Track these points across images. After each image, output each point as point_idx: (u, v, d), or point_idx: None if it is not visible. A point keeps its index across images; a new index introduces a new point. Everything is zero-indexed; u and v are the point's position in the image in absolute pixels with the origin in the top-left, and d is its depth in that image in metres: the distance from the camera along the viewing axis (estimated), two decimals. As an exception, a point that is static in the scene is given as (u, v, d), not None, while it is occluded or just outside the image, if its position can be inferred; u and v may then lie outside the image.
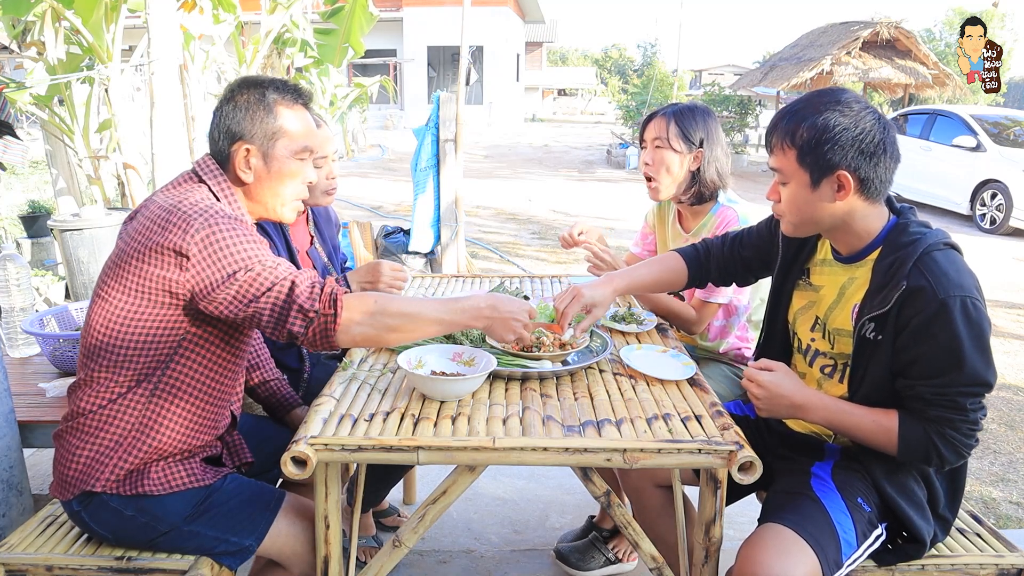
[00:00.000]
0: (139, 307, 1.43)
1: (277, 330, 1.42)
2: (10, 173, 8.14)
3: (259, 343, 1.94)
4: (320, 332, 1.42)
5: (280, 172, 1.56)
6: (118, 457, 1.47)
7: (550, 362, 1.74)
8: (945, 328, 1.35)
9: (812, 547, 1.39)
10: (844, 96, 1.48)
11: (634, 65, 54.75)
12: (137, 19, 5.12)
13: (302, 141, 1.57)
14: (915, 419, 1.43)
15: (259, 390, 1.92)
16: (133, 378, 1.46)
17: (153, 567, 1.48)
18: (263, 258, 1.42)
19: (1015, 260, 7.54)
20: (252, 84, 1.56)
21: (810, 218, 1.53)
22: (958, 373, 1.37)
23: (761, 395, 1.52)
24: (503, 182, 12.43)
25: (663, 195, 2.21)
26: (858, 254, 1.55)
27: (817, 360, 1.66)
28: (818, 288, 1.66)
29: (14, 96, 5.01)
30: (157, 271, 1.40)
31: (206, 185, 1.53)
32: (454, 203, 5.37)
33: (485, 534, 2.52)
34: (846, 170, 1.45)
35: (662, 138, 2.15)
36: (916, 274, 1.39)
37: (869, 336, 1.46)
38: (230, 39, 6.75)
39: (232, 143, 1.53)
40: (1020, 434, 3.48)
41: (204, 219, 1.40)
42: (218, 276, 1.39)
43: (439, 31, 22.93)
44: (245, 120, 1.52)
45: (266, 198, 1.58)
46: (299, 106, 1.58)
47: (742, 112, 16.38)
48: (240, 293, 1.39)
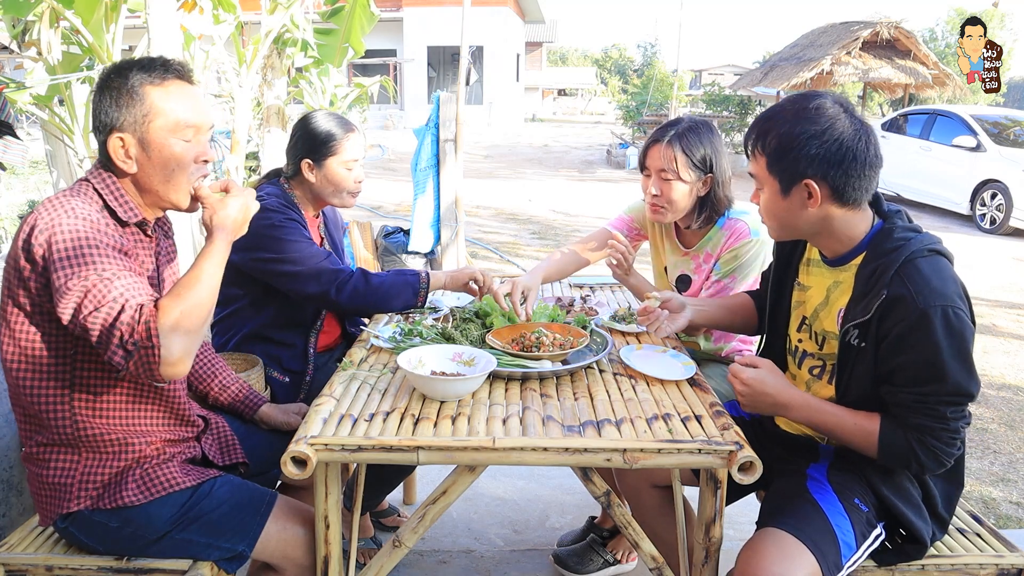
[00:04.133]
0: (22, 338, 1.40)
1: (104, 356, 1.31)
2: (10, 173, 8.14)
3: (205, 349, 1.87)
4: (143, 368, 1.28)
5: (162, 156, 1.45)
6: (81, 475, 1.46)
7: (550, 362, 1.74)
8: (925, 339, 1.34)
9: (811, 551, 1.39)
10: (817, 102, 1.45)
11: (634, 65, 54.70)
12: (137, 19, 5.11)
13: (179, 118, 1.44)
14: (896, 425, 1.42)
15: (220, 397, 1.84)
16: (51, 408, 1.44)
17: (153, 568, 1.48)
18: (104, 271, 1.31)
19: (1015, 260, 7.54)
20: (117, 70, 1.46)
21: (786, 224, 1.53)
22: (939, 383, 1.36)
23: (743, 391, 1.53)
24: (503, 182, 12.43)
25: (668, 220, 2.15)
26: (842, 258, 1.54)
27: (806, 361, 1.66)
28: (806, 288, 1.65)
29: (14, 96, 5.00)
30: (17, 288, 1.36)
31: (90, 183, 1.46)
32: (454, 203, 5.36)
33: (485, 534, 2.52)
34: (813, 179, 1.44)
35: (670, 170, 2.03)
36: (897, 283, 1.38)
37: (853, 343, 1.46)
38: (230, 39, 6.75)
39: (107, 136, 1.44)
40: (1020, 434, 3.48)
41: (48, 220, 1.33)
42: (55, 283, 1.31)
43: (439, 31, 22.91)
44: (113, 109, 1.43)
45: (156, 185, 1.47)
46: (171, 81, 1.46)
47: (742, 112, 16.38)
48: (74, 304, 1.29)
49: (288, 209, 2.10)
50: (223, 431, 1.73)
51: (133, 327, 1.26)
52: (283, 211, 2.08)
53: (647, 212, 2.17)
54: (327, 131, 2.14)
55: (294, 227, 2.05)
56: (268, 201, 2.06)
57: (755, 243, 2.09)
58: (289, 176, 2.21)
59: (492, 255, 6.99)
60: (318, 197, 2.20)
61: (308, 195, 2.21)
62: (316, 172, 2.15)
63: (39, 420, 1.46)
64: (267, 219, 2.01)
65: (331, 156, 2.13)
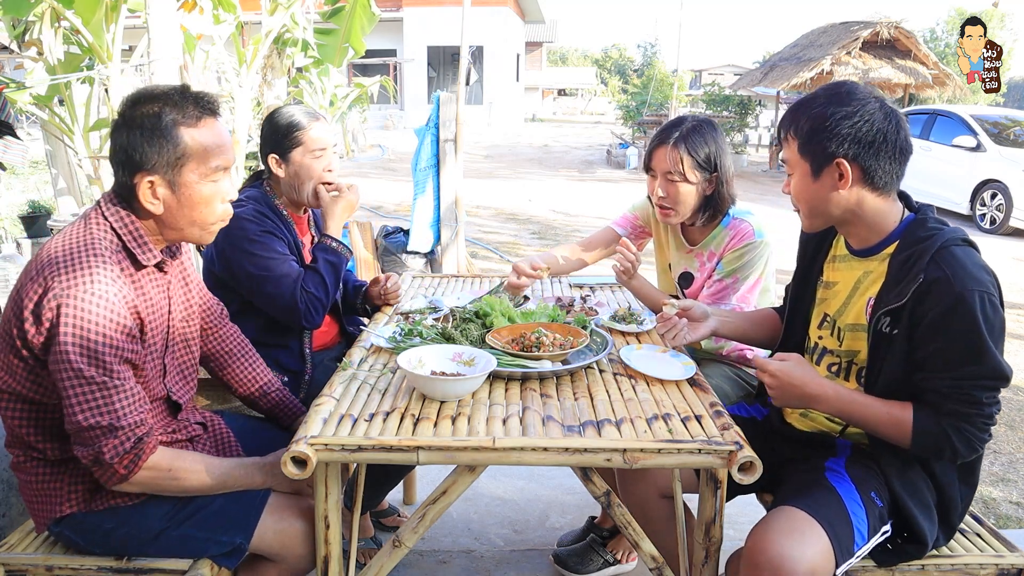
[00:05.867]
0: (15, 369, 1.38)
1: (73, 443, 1.35)
2: (10, 173, 8.14)
3: (241, 340, 1.85)
4: (100, 475, 1.36)
5: (191, 199, 1.42)
6: (71, 479, 1.46)
7: (550, 362, 1.74)
8: (963, 320, 1.35)
9: (825, 529, 1.38)
10: (850, 88, 1.49)
11: (634, 65, 54.70)
12: (137, 19, 5.11)
13: (212, 161, 1.43)
14: (930, 412, 1.42)
15: (261, 402, 1.85)
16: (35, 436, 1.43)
17: (153, 567, 1.48)
18: (109, 367, 1.31)
19: (1015, 260, 7.54)
20: (145, 101, 1.40)
21: (817, 208, 1.54)
22: (976, 366, 1.36)
23: (773, 384, 1.52)
24: (503, 182, 12.42)
25: (675, 221, 2.16)
26: (873, 248, 1.54)
27: (824, 358, 1.66)
28: (831, 285, 1.66)
29: (14, 96, 5.00)
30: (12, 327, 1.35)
31: (108, 222, 1.42)
32: (454, 203, 5.36)
33: (485, 534, 2.52)
34: (844, 159, 1.46)
35: (676, 172, 2.04)
36: (934, 267, 1.39)
37: (884, 330, 1.46)
38: (230, 39, 6.75)
39: (133, 175, 1.39)
40: (1020, 434, 3.48)
41: (63, 289, 1.30)
42: (57, 364, 1.30)
43: (439, 31, 22.92)
44: (144, 148, 1.37)
45: (182, 225, 1.45)
46: (204, 121, 1.42)
47: (742, 112, 16.40)
48: (71, 396, 1.30)
49: (264, 218, 2.05)
50: (220, 431, 1.72)
51: (120, 453, 1.32)
52: (259, 221, 2.03)
53: (656, 215, 2.18)
54: (288, 122, 2.08)
55: (267, 240, 2.01)
56: (244, 210, 2.00)
57: (759, 244, 2.09)
58: (267, 176, 2.17)
59: (492, 255, 6.99)
60: (292, 193, 2.15)
61: (288, 193, 2.16)
62: (284, 167, 2.10)
63: (24, 441, 1.45)
64: (241, 230, 1.97)
65: (296, 147, 2.08)
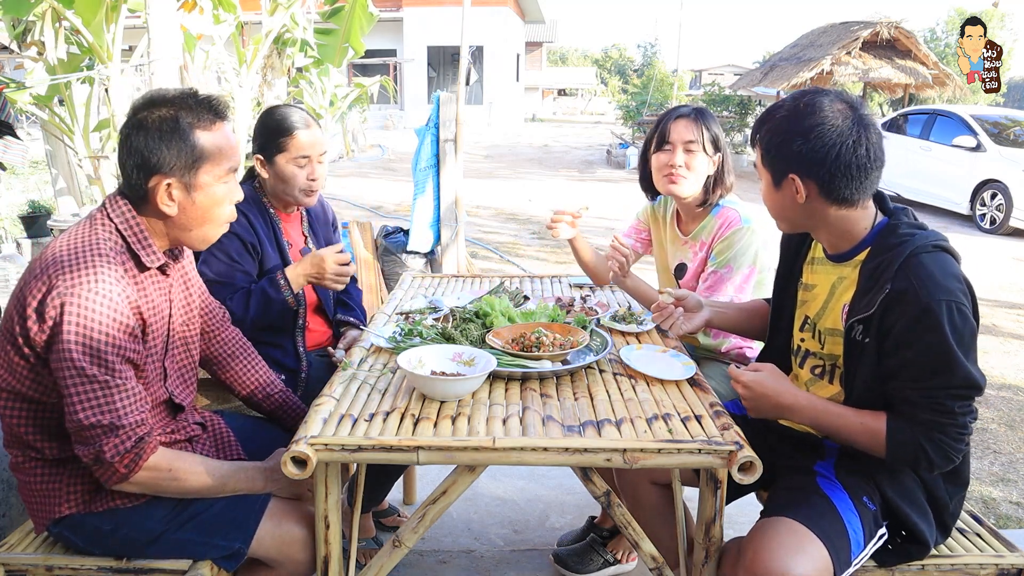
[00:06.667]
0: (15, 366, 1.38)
1: (74, 442, 1.35)
2: (10, 173, 8.14)
3: (243, 342, 1.83)
4: (100, 474, 1.37)
5: (205, 201, 1.45)
6: (69, 479, 1.46)
7: (550, 362, 1.74)
8: (931, 331, 1.33)
9: (824, 543, 1.38)
10: (812, 100, 1.45)
11: (634, 65, 54.70)
12: (137, 19, 5.11)
13: (225, 163, 1.46)
14: (904, 422, 1.41)
15: (264, 403, 1.84)
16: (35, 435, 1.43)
17: (153, 567, 1.48)
18: (112, 366, 1.32)
19: (1015, 260, 7.54)
20: (159, 105, 1.42)
21: (783, 215, 1.55)
22: (947, 376, 1.35)
23: (746, 395, 1.53)
24: (503, 182, 12.42)
25: (686, 192, 2.15)
26: (845, 254, 1.54)
27: (808, 361, 1.66)
28: (811, 287, 1.66)
29: (14, 96, 5.00)
30: (14, 325, 1.35)
31: (113, 223, 1.42)
32: (454, 203, 5.36)
33: (485, 534, 2.52)
34: (796, 176, 1.45)
35: (697, 141, 2.10)
36: (901, 277, 1.37)
37: (858, 338, 1.46)
38: (230, 39, 6.75)
39: (149, 178, 1.40)
40: (1020, 434, 3.48)
41: (67, 287, 1.30)
42: (58, 360, 1.30)
43: (439, 31, 22.92)
44: (160, 151, 1.39)
45: (193, 226, 1.48)
46: (218, 124, 1.46)
47: (742, 112, 16.39)
48: (73, 394, 1.31)
49: (241, 215, 2.00)
50: (220, 431, 1.72)
51: (121, 452, 1.33)
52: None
53: (663, 185, 2.18)
54: (277, 125, 2.06)
55: (227, 240, 1.96)
56: None
57: (746, 230, 2.11)
58: (257, 174, 2.16)
59: (492, 255, 6.99)
60: (276, 194, 2.14)
61: (273, 194, 2.14)
62: (267, 168, 2.09)
63: (23, 441, 1.45)
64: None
65: (280, 152, 2.06)
